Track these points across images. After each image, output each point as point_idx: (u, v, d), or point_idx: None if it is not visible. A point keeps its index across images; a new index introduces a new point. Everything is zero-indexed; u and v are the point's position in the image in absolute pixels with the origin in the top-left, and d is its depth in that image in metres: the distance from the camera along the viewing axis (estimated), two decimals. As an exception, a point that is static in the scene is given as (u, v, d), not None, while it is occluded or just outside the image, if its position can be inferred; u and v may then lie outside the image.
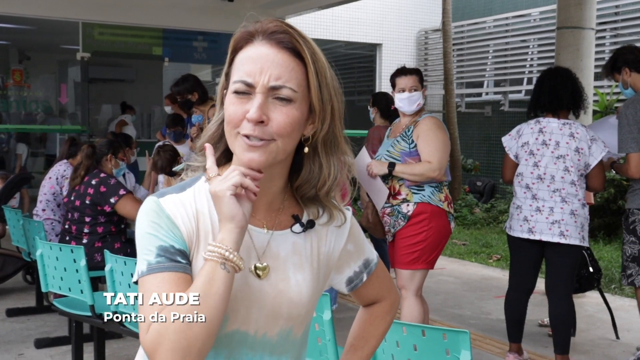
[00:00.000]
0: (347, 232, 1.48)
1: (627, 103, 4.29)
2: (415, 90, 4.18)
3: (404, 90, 4.18)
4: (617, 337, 5.08)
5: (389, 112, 5.98)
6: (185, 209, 1.31)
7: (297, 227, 1.39)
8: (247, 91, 1.27)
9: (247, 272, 1.33)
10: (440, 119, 4.27)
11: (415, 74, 4.23)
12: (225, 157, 1.38)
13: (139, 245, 1.30)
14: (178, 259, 1.26)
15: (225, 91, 1.35)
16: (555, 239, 4.13)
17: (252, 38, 1.31)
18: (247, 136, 1.26)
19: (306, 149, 1.35)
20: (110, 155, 4.94)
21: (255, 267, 1.34)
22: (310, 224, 1.40)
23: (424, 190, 4.07)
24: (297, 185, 1.39)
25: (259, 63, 1.27)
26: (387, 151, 4.20)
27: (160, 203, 1.30)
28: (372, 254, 1.57)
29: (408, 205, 4.08)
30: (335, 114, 1.35)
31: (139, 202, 4.86)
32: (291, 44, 1.29)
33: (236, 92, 1.28)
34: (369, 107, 6.30)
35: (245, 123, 1.26)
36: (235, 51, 1.33)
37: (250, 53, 1.29)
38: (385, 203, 4.17)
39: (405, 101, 4.18)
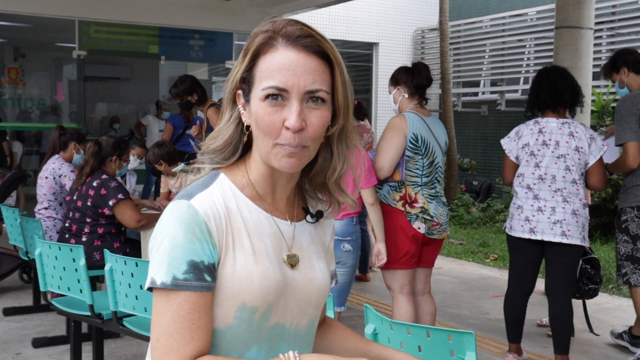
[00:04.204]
0: (331, 229, 1.56)
1: (623, 98, 4.44)
2: (389, 92, 4.29)
3: None
4: (594, 333, 5.19)
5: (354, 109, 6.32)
6: (217, 207, 1.32)
7: (310, 218, 1.45)
8: (281, 96, 1.27)
9: (281, 264, 1.36)
10: (417, 116, 4.13)
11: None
12: (241, 152, 1.40)
13: (167, 246, 1.25)
14: (205, 277, 1.26)
15: (238, 92, 1.35)
16: (557, 239, 4.12)
17: (274, 42, 1.30)
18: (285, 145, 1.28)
19: (323, 140, 1.37)
20: (115, 157, 4.92)
21: (288, 257, 1.38)
22: (320, 214, 1.46)
23: (382, 189, 4.17)
24: (312, 175, 1.43)
25: (290, 69, 1.27)
26: None
27: (194, 207, 1.28)
28: (334, 266, 1.60)
29: None
30: (349, 107, 1.38)
31: (137, 210, 4.84)
32: (319, 47, 1.30)
33: (269, 100, 1.28)
34: None
35: (285, 132, 1.27)
36: (256, 56, 1.31)
37: (279, 59, 1.28)
38: None
39: None
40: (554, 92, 4.23)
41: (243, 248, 1.32)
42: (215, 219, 1.29)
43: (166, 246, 1.25)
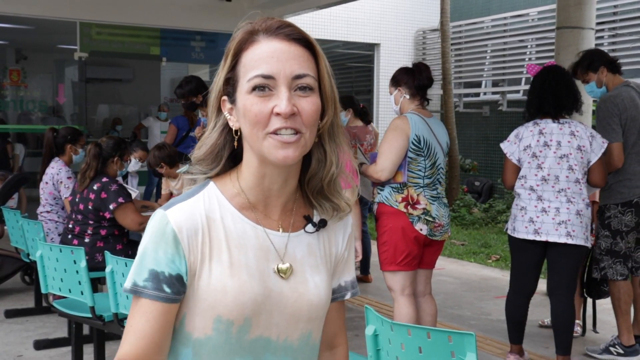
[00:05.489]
0: (347, 237, 1.47)
1: (603, 99, 4.56)
2: (390, 93, 4.31)
3: None
4: (595, 331, 5.22)
5: (360, 111, 6.36)
6: (194, 218, 1.30)
7: (310, 227, 1.38)
8: (268, 85, 1.24)
9: (267, 276, 1.32)
10: (418, 117, 4.11)
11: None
12: (232, 162, 1.37)
13: (139, 253, 1.30)
14: (163, 288, 1.27)
15: (223, 98, 1.32)
16: (562, 240, 4.12)
17: (255, 37, 1.28)
18: (277, 132, 1.23)
19: (316, 138, 1.32)
20: (117, 158, 4.89)
21: (279, 269, 1.33)
22: (322, 223, 1.39)
23: (383, 190, 4.14)
24: (308, 179, 1.36)
25: (274, 56, 1.24)
26: None
27: (167, 217, 1.28)
28: (356, 281, 1.55)
29: (374, 205, 4.21)
30: (336, 100, 1.33)
31: (138, 212, 4.83)
32: (300, 35, 1.28)
33: (256, 90, 1.24)
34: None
35: (274, 119, 1.23)
36: (237, 55, 1.29)
37: (263, 49, 1.26)
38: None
39: None
40: (557, 104, 4.24)
41: (220, 260, 1.29)
42: (188, 230, 1.28)
43: (138, 253, 1.30)
